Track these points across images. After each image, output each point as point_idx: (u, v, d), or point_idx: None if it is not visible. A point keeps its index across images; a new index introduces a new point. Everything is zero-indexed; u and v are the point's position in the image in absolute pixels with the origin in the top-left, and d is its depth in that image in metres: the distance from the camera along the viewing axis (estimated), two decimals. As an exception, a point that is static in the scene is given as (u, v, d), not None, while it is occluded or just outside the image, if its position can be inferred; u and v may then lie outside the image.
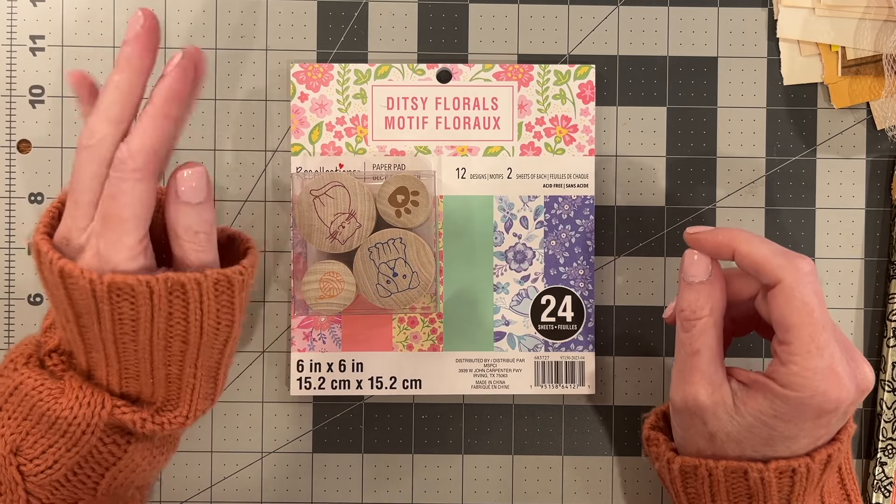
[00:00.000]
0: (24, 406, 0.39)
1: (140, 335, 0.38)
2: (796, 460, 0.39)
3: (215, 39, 0.50)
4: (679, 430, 0.42)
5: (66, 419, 0.39)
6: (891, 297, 0.49)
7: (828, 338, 0.38)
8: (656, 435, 0.44)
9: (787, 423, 0.39)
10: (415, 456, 0.50)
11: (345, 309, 0.47)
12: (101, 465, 0.40)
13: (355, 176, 0.47)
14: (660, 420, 0.45)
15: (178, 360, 0.40)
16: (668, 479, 0.42)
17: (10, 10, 0.49)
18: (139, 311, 0.38)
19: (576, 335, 0.49)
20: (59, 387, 0.39)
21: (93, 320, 0.38)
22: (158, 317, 0.38)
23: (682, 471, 0.41)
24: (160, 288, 0.37)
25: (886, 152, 0.50)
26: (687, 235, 0.42)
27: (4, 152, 0.49)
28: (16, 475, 0.39)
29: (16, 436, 0.39)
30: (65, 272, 0.37)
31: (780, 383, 0.38)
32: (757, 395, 0.39)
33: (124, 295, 0.37)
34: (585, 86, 0.49)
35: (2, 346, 0.49)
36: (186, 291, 0.38)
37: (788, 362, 0.38)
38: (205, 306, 0.39)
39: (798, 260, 0.39)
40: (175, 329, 0.39)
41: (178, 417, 0.40)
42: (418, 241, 0.47)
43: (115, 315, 0.37)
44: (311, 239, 0.47)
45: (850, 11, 0.49)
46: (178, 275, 0.38)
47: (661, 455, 0.42)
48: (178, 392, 0.41)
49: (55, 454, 0.39)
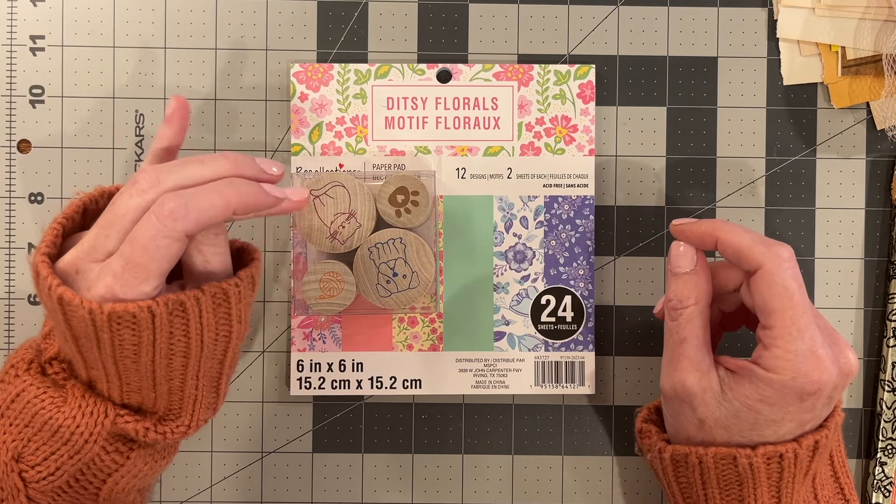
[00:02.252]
0: (26, 414, 0.39)
1: (142, 357, 0.38)
2: (783, 445, 0.40)
3: (215, 39, 0.50)
4: (670, 419, 0.43)
5: (68, 428, 0.38)
6: (891, 297, 0.50)
7: (808, 321, 0.39)
8: (648, 427, 0.44)
9: (772, 407, 0.39)
10: (415, 456, 0.50)
11: (345, 309, 0.47)
12: (102, 472, 0.40)
13: (355, 176, 0.47)
14: (652, 414, 0.46)
15: (179, 374, 0.39)
16: (661, 468, 0.43)
17: (10, 10, 0.49)
18: (141, 336, 0.37)
19: (576, 335, 0.49)
20: (61, 395, 0.39)
21: (92, 345, 0.37)
22: (160, 338, 0.38)
23: (673, 459, 0.42)
24: (161, 311, 0.37)
25: (886, 152, 0.50)
26: (673, 227, 0.43)
27: (4, 152, 0.49)
28: (17, 482, 0.39)
29: (17, 443, 0.39)
30: (63, 300, 0.36)
31: (764, 367, 0.39)
32: (743, 380, 0.40)
33: (125, 323, 0.37)
34: (585, 86, 0.49)
35: (1, 346, 0.49)
36: (186, 309, 0.38)
37: (771, 346, 0.39)
38: (204, 320, 0.38)
39: (777, 247, 0.40)
40: (176, 346, 0.38)
41: (180, 427, 0.40)
42: (418, 241, 0.47)
43: (115, 341, 0.37)
44: (311, 239, 0.47)
45: (850, 11, 0.49)
46: (177, 295, 0.37)
47: (652, 445, 0.43)
48: (181, 403, 0.40)
49: (57, 461, 0.39)
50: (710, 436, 0.41)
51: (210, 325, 0.39)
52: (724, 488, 0.41)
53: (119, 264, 0.37)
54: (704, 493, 0.41)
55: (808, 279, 0.50)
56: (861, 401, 0.50)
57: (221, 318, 0.39)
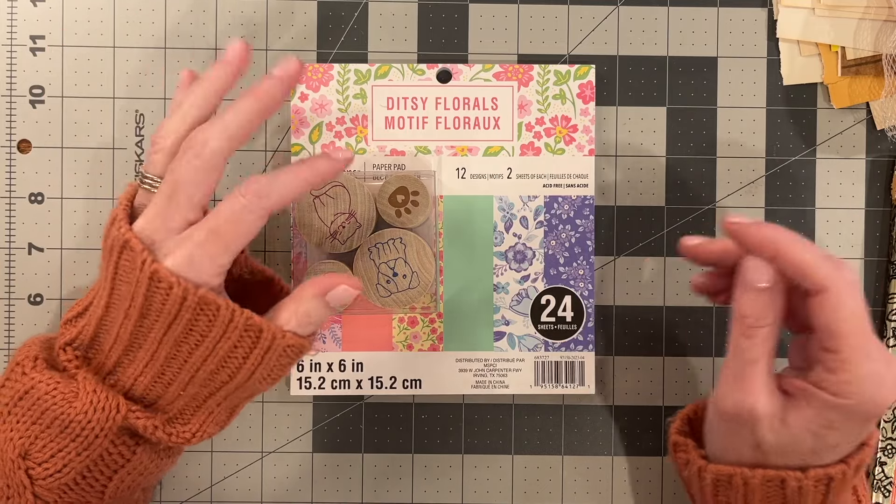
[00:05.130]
0: (35, 410, 0.39)
1: (198, 352, 0.39)
2: (833, 467, 0.39)
3: (215, 39, 0.50)
4: (720, 438, 0.41)
5: (79, 423, 0.39)
6: (891, 297, 0.50)
7: (877, 345, 0.38)
8: (685, 441, 0.42)
9: (837, 432, 0.38)
10: (415, 456, 0.50)
11: (345, 309, 0.47)
12: (109, 468, 0.40)
13: (355, 176, 0.47)
14: (685, 425, 0.44)
15: (214, 387, 0.40)
16: (698, 487, 0.41)
17: (10, 10, 0.49)
18: (211, 332, 0.38)
19: (576, 335, 0.49)
20: (72, 390, 0.39)
21: (162, 324, 0.38)
22: (224, 344, 0.39)
23: (714, 480, 0.40)
24: (240, 321, 0.38)
25: (886, 152, 0.50)
26: (728, 224, 0.39)
27: (4, 152, 0.49)
28: (24, 479, 0.39)
29: (24, 440, 0.39)
30: (157, 276, 0.38)
31: (831, 392, 0.37)
32: (802, 404, 0.38)
33: (207, 311, 0.38)
34: (585, 86, 0.49)
35: (2, 346, 0.49)
36: (260, 338, 0.39)
37: (838, 370, 0.37)
38: (266, 359, 0.39)
39: (844, 269, 0.38)
40: (230, 362, 0.39)
41: (185, 433, 0.41)
42: (418, 241, 0.47)
43: (189, 324, 0.38)
44: (311, 239, 0.47)
45: (850, 11, 0.49)
46: (260, 320, 0.39)
47: (691, 462, 0.41)
48: (195, 411, 0.41)
49: (64, 458, 0.39)
50: (765, 459, 0.39)
51: (269, 366, 0.40)
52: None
53: (202, 234, 0.38)
54: None
55: (808, 279, 0.50)
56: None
57: (279, 367, 0.40)
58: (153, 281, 0.38)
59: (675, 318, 0.50)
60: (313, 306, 0.40)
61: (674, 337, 0.50)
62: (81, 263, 0.49)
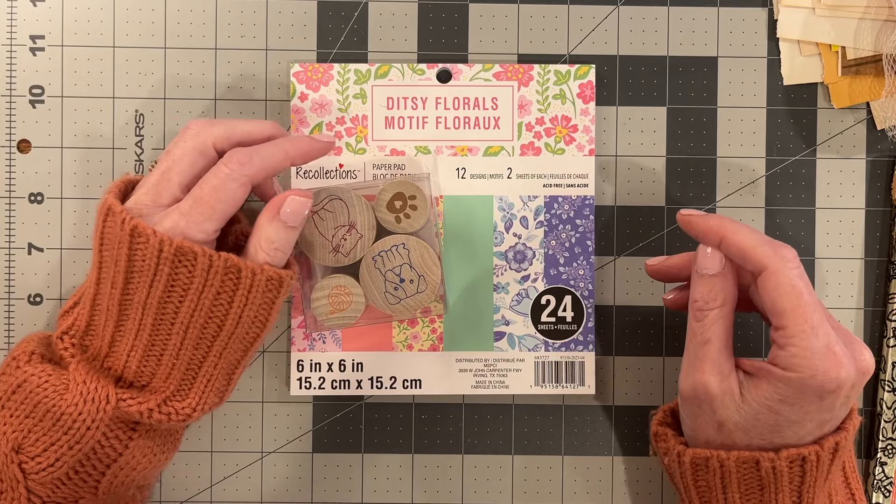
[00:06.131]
0: (28, 403, 0.39)
1: (184, 305, 0.40)
2: (805, 448, 0.40)
3: (215, 39, 0.50)
4: (687, 421, 0.43)
5: (70, 415, 0.39)
6: (891, 297, 0.50)
7: (820, 318, 0.39)
8: (664, 430, 0.44)
9: (792, 407, 0.39)
10: (415, 456, 0.50)
11: (356, 321, 0.47)
12: (102, 463, 0.40)
13: (351, 187, 0.47)
14: (667, 416, 0.45)
15: (207, 343, 0.41)
16: (679, 473, 0.42)
17: (10, 10, 0.49)
18: (193, 280, 0.40)
19: (576, 335, 0.49)
20: (63, 383, 0.39)
21: (144, 283, 0.40)
22: (207, 292, 0.40)
23: (692, 463, 0.41)
24: (219, 264, 0.40)
25: (886, 152, 0.50)
26: (680, 216, 0.43)
27: (4, 152, 0.49)
28: (17, 473, 0.39)
29: (17, 434, 0.39)
30: (137, 230, 0.39)
31: (782, 367, 0.39)
32: (761, 381, 0.40)
33: (185, 261, 0.39)
34: (585, 86, 0.49)
35: (2, 346, 0.49)
36: (241, 277, 0.40)
37: (786, 345, 0.39)
38: (251, 297, 0.41)
39: (782, 248, 0.40)
40: (217, 310, 0.40)
41: (185, 409, 0.41)
42: (421, 245, 0.47)
43: (170, 279, 0.39)
44: (314, 254, 0.47)
45: (850, 11, 0.49)
46: (238, 259, 0.40)
47: (670, 449, 0.43)
48: (193, 380, 0.41)
49: (57, 452, 0.39)
50: (730, 439, 0.41)
51: (255, 304, 0.41)
52: (746, 492, 0.41)
53: (188, 204, 0.40)
54: (724, 497, 0.41)
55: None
56: (861, 401, 0.50)
57: (266, 303, 0.41)
58: (133, 237, 0.39)
59: (675, 318, 0.50)
60: (272, 230, 0.42)
61: (674, 337, 0.50)
62: (81, 263, 0.49)
